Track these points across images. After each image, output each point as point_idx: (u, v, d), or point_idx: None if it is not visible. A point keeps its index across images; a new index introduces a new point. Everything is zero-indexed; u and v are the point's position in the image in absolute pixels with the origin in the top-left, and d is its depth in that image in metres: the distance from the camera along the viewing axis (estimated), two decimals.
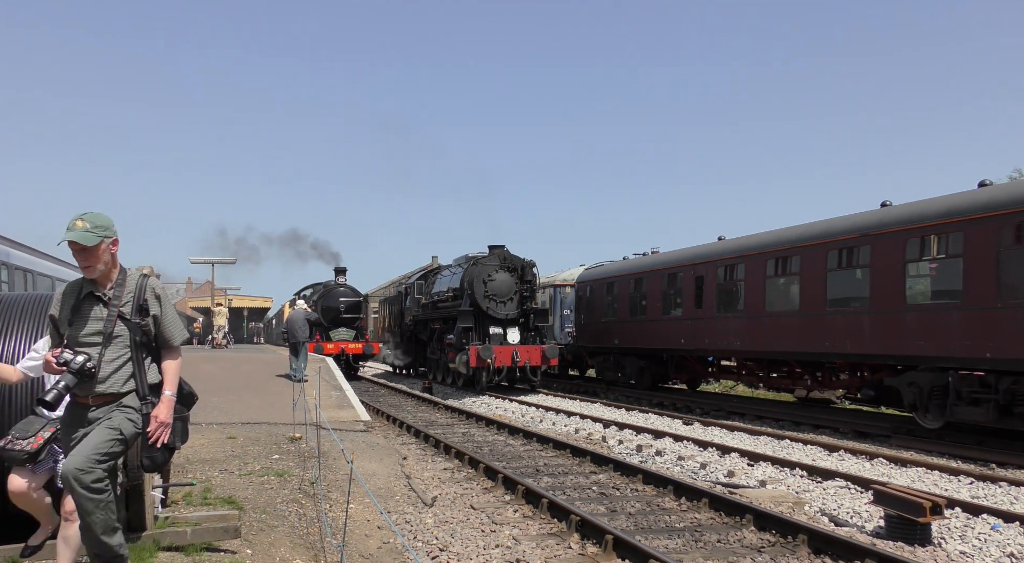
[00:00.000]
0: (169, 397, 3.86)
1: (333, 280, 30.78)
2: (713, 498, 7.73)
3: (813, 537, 6.35)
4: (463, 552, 6.25)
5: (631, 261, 23.19)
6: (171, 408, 3.85)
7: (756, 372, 17.59)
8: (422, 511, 7.69)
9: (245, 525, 5.58)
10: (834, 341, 13.87)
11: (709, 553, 6.28)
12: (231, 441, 9.64)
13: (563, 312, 27.01)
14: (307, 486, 7.40)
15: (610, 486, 8.94)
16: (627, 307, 21.82)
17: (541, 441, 12.16)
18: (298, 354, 17.09)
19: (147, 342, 3.86)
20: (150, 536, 4.63)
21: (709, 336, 17.84)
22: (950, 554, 6.44)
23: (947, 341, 11.61)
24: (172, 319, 3.94)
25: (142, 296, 3.83)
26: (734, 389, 22.90)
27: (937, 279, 12.22)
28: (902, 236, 12.51)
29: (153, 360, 3.91)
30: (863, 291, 13.37)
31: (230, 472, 7.80)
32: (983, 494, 8.60)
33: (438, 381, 24.96)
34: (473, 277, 21.91)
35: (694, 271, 18.64)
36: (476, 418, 15.62)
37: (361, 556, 6.06)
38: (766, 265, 15.96)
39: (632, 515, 7.56)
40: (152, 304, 3.86)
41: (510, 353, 20.77)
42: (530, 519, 7.40)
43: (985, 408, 11.03)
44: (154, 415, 3.78)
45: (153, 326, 3.86)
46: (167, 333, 3.90)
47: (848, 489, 8.87)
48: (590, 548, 6.35)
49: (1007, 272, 10.80)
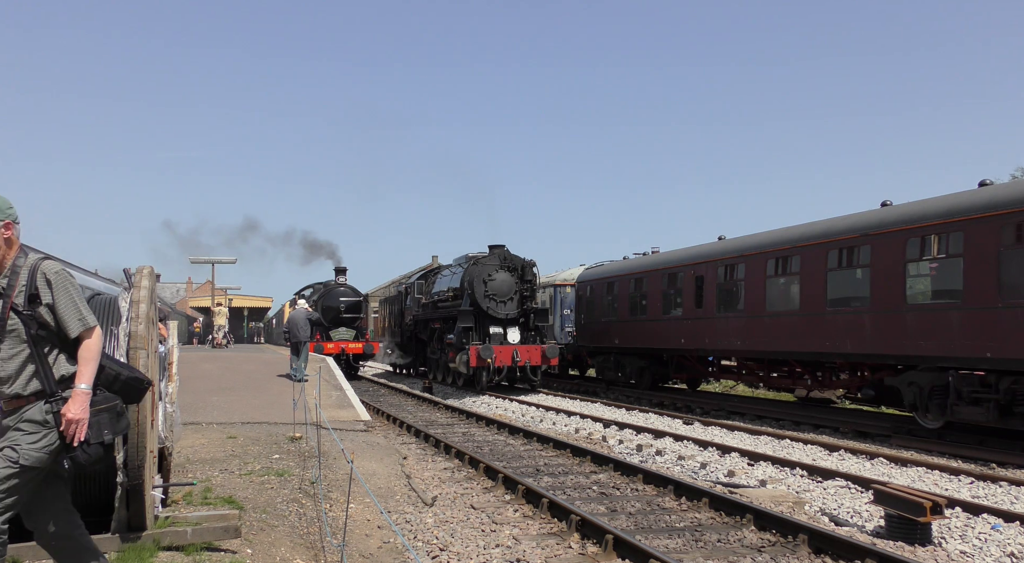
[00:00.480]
0: (81, 391, 3.49)
1: (333, 280, 30.81)
2: (713, 498, 7.73)
3: (813, 537, 6.34)
4: (463, 552, 6.25)
5: (631, 261, 23.19)
6: (82, 402, 3.48)
7: (756, 372, 17.58)
8: (422, 511, 7.70)
9: (245, 525, 5.58)
10: (834, 341, 13.86)
11: (709, 553, 6.28)
12: (231, 441, 9.64)
13: (563, 312, 27.02)
14: (307, 486, 7.40)
15: (610, 486, 8.94)
16: (627, 307, 21.82)
17: (541, 441, 12.17)
18: (299, 354, 17.10)
19: (48, 335, 3.51)
20: (150, 536, 4.63)
21: (709, 336, 17.83)
22: (950, 554, 6.44)
23: (947, 341, 11.61)
24: (67, 306, 3.53)
25: (34, 283, 3.48)
26: (734, 389, 22.89)
27: (937, 279, 12.22)
28: (902, 236, 12.51)
29: (64, 351, 3.57)
30: (863, 291, 13.37)
31: (230, 472, 7.80)
32: (983, 494, 8.60)
33: (438, 381, 24.96)
34: (473, 277, 21.92)
35: (694, 271, 18.64)
36: (476, 418, 15.62)
37: (361, 556, 6.06)
38: (766, 265, 15.96)
39: (632, 515, 7.56)
40: (44, 291, 3.49)
41: (510, 353, 20.78)
42: (530, 519, 7.40)
43: (985, 408, 11.03)
44: (63, 413, 3.44)
45: (50, 316, 3.49)
46: (63, 323, 3.50)
47: (848, 489, 8.87)
48: (590, 548, 6.35)
49: (1008, 272, 10.80)
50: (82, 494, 4.62)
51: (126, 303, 4.52)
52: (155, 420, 5.01)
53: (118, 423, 3.68)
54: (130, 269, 5.23)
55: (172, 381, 6.26)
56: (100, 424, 3.56)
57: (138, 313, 4.44)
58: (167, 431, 5.64)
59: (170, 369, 6.28)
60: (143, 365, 4.33)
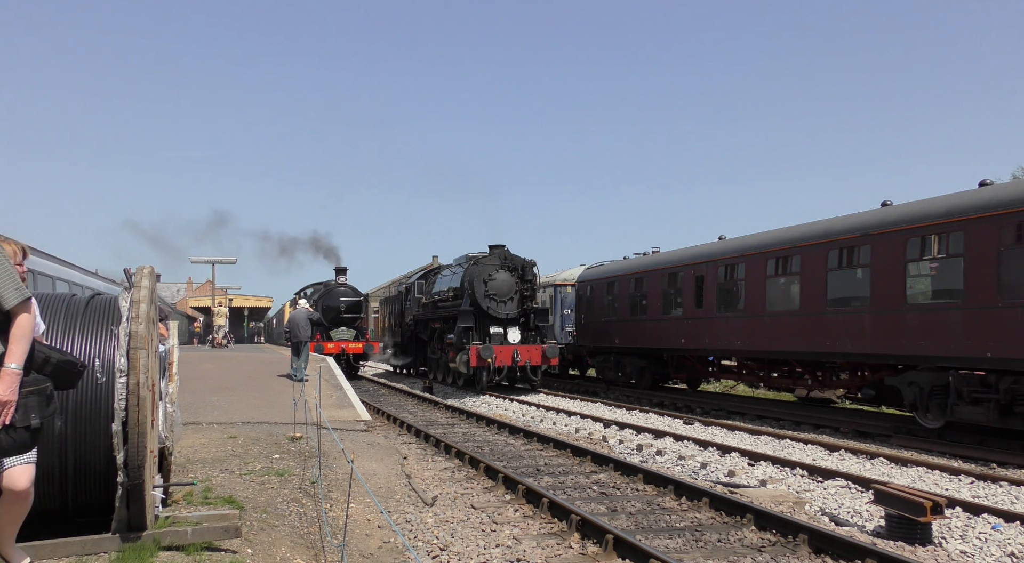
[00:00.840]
0: (10, 371, 3.31)
1: (334, 279, 30.81)
2: (713, 498, 7.73)
3: (814, 537, 6.34)
4: (463, 552, 6.25)
5: (631, 261, 23.19)
6: (10, 383, 3.30)
7: (756, 372, 17.59)
8: (423, 510, 7.70)
9: (245, 525, 5.58)
10: (835, 341, 13.86)
11: (710, 553, 6.28)
12: (232, 440, 9.64)
13: (563, 312, 27.02)
14: (308, 485, 7.40)
15: (610, 486, 8.94)
16: (627, 307, 21.83)
17: (542, 441, 12.17)
18: (299, 354, 17.11)
19: None
20: (150, 535, 4.63)
21: (709, 336, 17.83)
22: (951, 554, 6.44)
23: (948, 341, 11.61)
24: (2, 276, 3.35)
25: None
26: (734, 389, 22.90)
27: (938, 279, 12.22)
28: (903, 235, 12.51)
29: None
30: (864, 291, 13.37)
31: (231, 471, 7.79)
32: (984, 494, 8.60)
33: (438, 381, 24.97)
34: (473, 277, 21.93)
35: (694, 271, 18.64)
36: (476, 418, 15.62)
37: (362, 555, 6.06)
38: (766, 265, 15.96)
39: (632, 515, 7.55)
40: None
41: (510, 353, 20.78)
42: (531, 519, 7.40)
43: (986, 408, 11.03)
44: None
45: None
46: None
47: (849, 489, 8.87)
48: (591, 548, 6.35)
49: (1008, 271, 10.80)
50: (82, 494, 4.62)
51: (126, 303, 4.52)
52: (155, 420, 5.01)
53: (46, 407, 3.51)
54: (130, 269, 5.23)
55: (172, 381, 6.26)
56: (27, 407, 3.39)
57: (138, 313, 4.43)
58: (167, 431, 5.64)
59: (170, 369, 6.28)
60: (143, 365, 4.33)
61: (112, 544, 4.45)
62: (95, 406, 4.47)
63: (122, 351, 4.44)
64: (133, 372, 4.30)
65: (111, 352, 4.56)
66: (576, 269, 27.13)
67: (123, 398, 4.30)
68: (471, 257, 23.13)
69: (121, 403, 4.30)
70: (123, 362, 4.34)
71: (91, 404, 4.47)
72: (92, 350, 4.58)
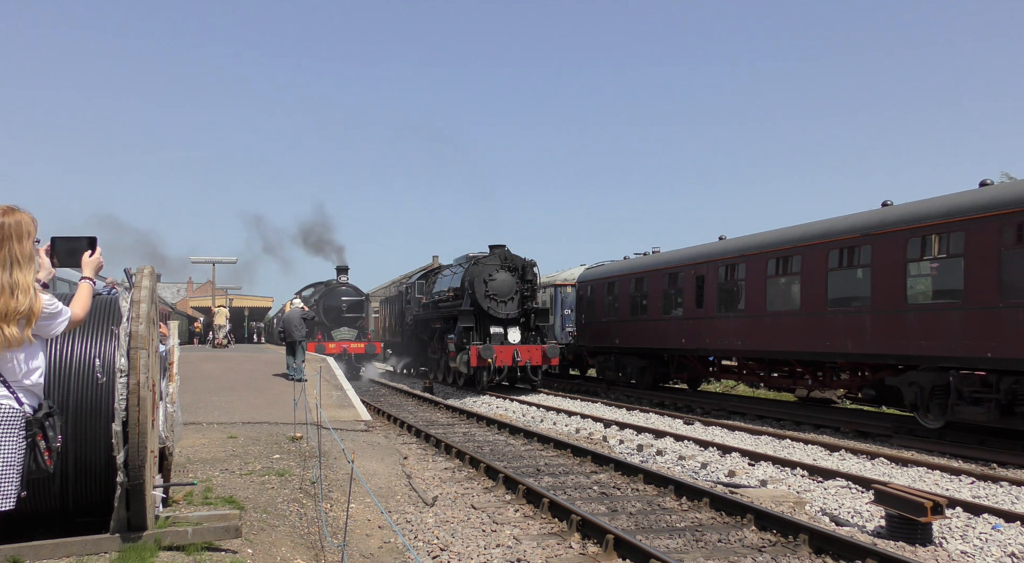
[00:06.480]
0: None
1: (335, 279, 30.82)
2: (714, 498, 7.73)
3: (814, 537, 6.34)
4: (464, 552, 6.25)
5: (632, 261, 23.19)
6: None
7: (757, 372, 17.58)
8: (423, 511, 7.70)
9: (246, 525, 5.58)
10: (835, 341, 13.86)
11: (710, 553, 6.28)
12: (232, 440, 9.64)
13: (564, 312, 27.03)
14: (308, 486, 7.40)
15: (611, 486, 8.94)
16: (628, 307, 21.83)
17: (542, 441, 12.17)
18: (295, 353, 17.10)
19: None
20: (151, 535, 4.63)
21: (710, 336, 17.83)
22: (951, 554, 6.44)
23: (948, 341, 11.61)
24: None
25: None
26: (735, 389, 22.90)
27: (938, 279, 12.21)
28: (903, 236, 12.51)
29: None
30: (864, 291, 13.37)
31: (231, 471, 7.79)
32: (984, 494, 8.60)
33: (439, 381, 24.97)
34: (474, 277, 21.94)
35: (695, 271, 18.63)
36: (477, 418, 15.62)
37: (362, 555, 6.07)
38: (767, 265, 15.95)
39: (633, 515, 7.55)
40: None
41: (511, 353, 20.78)
42: (531, 519, 7.40)
43: (986, 408, 11.02)
44: None
45: None
46: None
47: (849, 489, 8.87)
48: (591, 548, 6.35)
49: (1008, 271, 10.79)
50: (82, 494, 4.62)
51: (126, 303, 4.52)
52: (156, 420, 5.01)
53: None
54: (131, 269, 5.24)
55: (173, 381, 6.27)
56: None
57: (138, 313, 4.43)
58: (168, 431, 5.64)
59: (171, 369, 6.28)
60: (144, 365, 4.33)
61: (112, 544, 4.45)
62: (95, 406, 4.47)
63: (122, 351, 4.44)
64: (133, 372, 4.30)
65: (111, 352, 4.56)
66: (576, 269, 27.13)
67: (123, 398, 4.30)
68: (471, 257, 23.14)
69: (121, 403, 4.30)
70: (123, 362, 4.34)
71: (91, 404, 4.47)
72: (92, 350, 4.58)
